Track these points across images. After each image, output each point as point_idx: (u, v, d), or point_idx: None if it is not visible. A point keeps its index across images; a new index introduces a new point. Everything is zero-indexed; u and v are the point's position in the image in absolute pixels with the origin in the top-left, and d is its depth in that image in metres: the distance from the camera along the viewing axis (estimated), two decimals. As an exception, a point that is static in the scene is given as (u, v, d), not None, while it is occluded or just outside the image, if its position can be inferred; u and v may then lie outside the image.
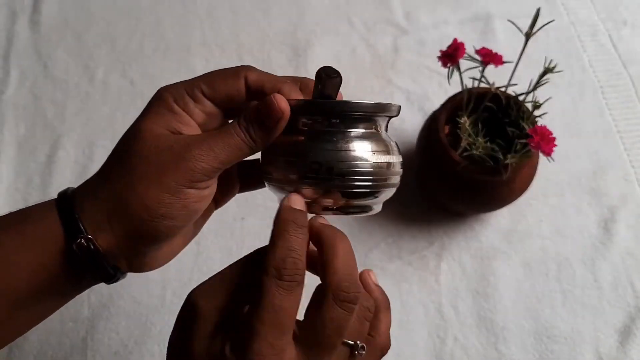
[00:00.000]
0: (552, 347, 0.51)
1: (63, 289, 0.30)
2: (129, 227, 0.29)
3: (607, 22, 0.69)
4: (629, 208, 0.58)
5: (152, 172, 0.28)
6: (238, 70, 0.31)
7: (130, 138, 0.30)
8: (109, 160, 0.30)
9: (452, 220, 0.57)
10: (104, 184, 0.29)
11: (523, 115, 0.48)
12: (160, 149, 0.28)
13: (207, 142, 0.29)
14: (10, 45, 0.67)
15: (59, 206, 0.29)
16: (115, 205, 0.28)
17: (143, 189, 0.28)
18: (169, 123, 0.29)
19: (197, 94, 0.30)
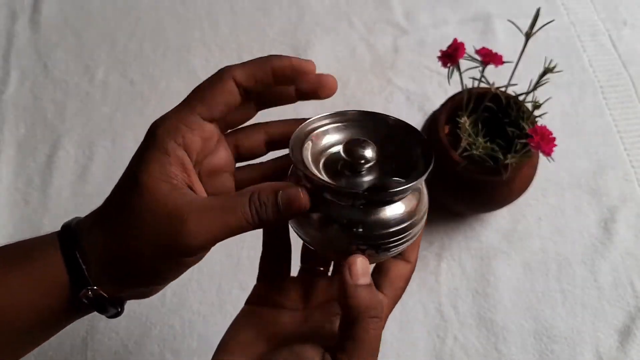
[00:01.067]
0: (552, 347, 0.51)
1: (64, 323, 0.31)
2: (128, 279, 0.29)
3: (607, 22, 0.69)
4: (629, 208, 0.58)
5: (148, 238, 0.28)
6: (221, 75, 0.30)
7: (128, 189, 0.29)
8: (110, 204, 0.30)
9: (452, 220, 0.57)
10: (105, 231, 0.29)
11: (523, 115, 0.48)
12: (157, 213, 0.28)
13: (207, 216, 0.27)
14: (11, 45, 0.67)
15: (63, 250, 0.29)
16: (114, 254, 0.29)
17: (138, 254, 0.28)
18: (166, 170, 0.28)
19: (194, 121, 0.29)
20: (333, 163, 0.31)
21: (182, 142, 0.29)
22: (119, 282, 0.29)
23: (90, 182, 0.59)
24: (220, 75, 0.30)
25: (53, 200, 0.58)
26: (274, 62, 0.30)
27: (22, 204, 0.58)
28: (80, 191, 0.59)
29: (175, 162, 0.29)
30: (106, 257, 0.29)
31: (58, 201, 0.58)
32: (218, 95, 0.30)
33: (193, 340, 0.52)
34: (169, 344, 0.51)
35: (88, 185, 0.59)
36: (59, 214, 0.57)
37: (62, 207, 0.58)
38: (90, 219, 0.30)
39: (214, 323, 0.52)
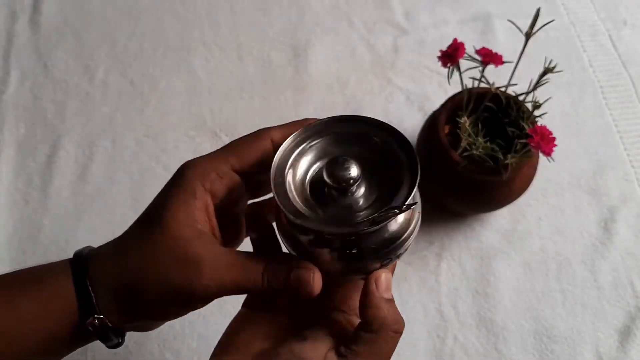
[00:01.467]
0: (552, 347, 0.51)
1: (69, 349, 0.31)
2: (137, 311, 0.30)
3: (607, 22, 0.69)
4: (629, 208, 0.58)
5: (163, 279, 0.29)
6: (260, 133, 0.31)
7: (149, 228, 0.29)
8: (128, 238, 0.30)
9: (452, 220, 0.57)
10: (119, 264, 0.29)
11: (523, 115, 0.48)
12: (176, 257, 0.28)
13: (222, 271, 0.29)
14: (11, 45, 0.67)
15: (75, 278, 0.29)
16: (125, 289, 0.29)
17: (154, 288, 0.29)
18: (191, 214, 0.29)
19: (225, 170, 0.30)
20: (319, 184, 0.30)
21: (210, 188, 0.30)
22: (126, 315, 0.30)
23: (90, 182, 0.59)
24: (259, 133, 0.31)
25: (53, 200, 0.58)
26: (314, 122, 0.31)
27: (22, 204, 0.58)
28: (80, 191, 0.59)
29: (201, 206, 0.30)
30: (117, 290, 0.29)
31: (58, 201, 0.58)
32: (253, 151, 0.31)
33: (193, 340, 0.52)
34: (168, 343, 0.51)
35: (88, 185, 0.59)
36: (59, 214, 0.57)
37: (62, 207, 0.58)
38: (104, 250, 0.31)
39: (213, 323, 0.52)
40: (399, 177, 0.29)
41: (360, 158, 0.29)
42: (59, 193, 0.59)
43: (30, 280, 0.30)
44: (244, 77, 0.65)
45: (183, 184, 0.30)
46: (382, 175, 0.30)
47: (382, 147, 0.30)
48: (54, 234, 0.56)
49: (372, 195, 0.30)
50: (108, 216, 0.58)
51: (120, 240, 0.31)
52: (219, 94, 0.65)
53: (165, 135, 0.62)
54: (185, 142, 0.61)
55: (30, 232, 0.57)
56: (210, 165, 0.30)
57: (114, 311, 0.29)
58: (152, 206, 0.30)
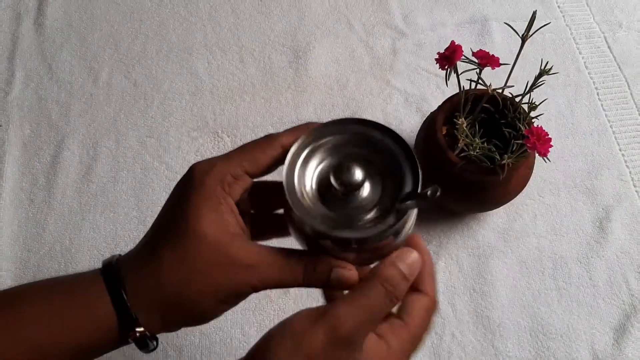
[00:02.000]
0: (548, 344, 0.52)
1: (102, 354, 0.32)
2: (181, 320, 0.31)
3: (603, 24, 0.70)
4: (624, 207, 0.59)
5: (212, 285, 0.30)
6: (272, 139, 0.32)
7: (187, 239, 0.30)
8: (161, 249, 0.30)
9: (449, 219, 0.58)
10: (156, 272, 0.30)
11: (519, 116, 0.49)
12: (220, 263, 0.29)
13: (267, 270, 0.30)
14: (16, 47, 0.68)
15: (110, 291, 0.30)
16: (168, 301, 0.30)
17: (200, 296, 0.30)
18: (224, 220, 0.30)
19: (240, 173, 0.31)
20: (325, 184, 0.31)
21: (229, 191, 0.31)
22: (167, 324, 0.31)
23: (94, 182, 0.60)
24: (270, 139, 0.32)
25: (57, 200, 0.59)
26: (316, 126, 0.32)
27: (27, 203, 0.59)
28: (85, 190, 0.59)
29: (227, 209, 0.30)
30: (159, 301, 0.30)
31: (62, 200, 0.59)
32: (265, 157, 0.32)
33: (195, 336, 0.52)
34: (171, 340, 0.52)
35: (92, 185, 0.60)
36: (63, 213, 0.58)
37: (66, 206, 0.59)
38: (135, 260, 0.31)
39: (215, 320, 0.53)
40: (399, 173, 0.31)
41: (361, 158, 0.31)
42: (64, 192, 0.59)
43: (60, 292, 0.30)
44: (245, 79, 0.66)
45: (205, 190, 0.30)
46: (383, 173, 0.31)
47: (381, 146, 0.31)
48: (58, 232, 0.57)
49: (377, 193, 0.31)
50: (112, 215, 0.58)
51: (149, 250, 0.31)
52: (220, 95, 0.65)
53: (168, 135, 0.63)
54: (187, 142, 0.62)
55: (35, 231, 0.57)
56: (227, 169, 0.31)
57: (155, 322, 0.30)
58: (178, 213, 0.30)
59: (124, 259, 0.31)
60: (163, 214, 0.32)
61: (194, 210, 0.30)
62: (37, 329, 0.29)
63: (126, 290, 0.29)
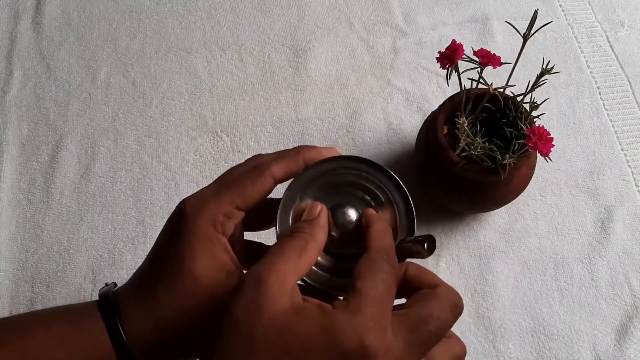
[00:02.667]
0: (549, 345, 0.52)
1: None
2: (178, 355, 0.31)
3: (605, 23, 0.70)
4: (626, 207, 0.58)
5: (204, 323, 0.30)
6: (262, 170, 0.32)
7: (183, 281, 0.30)
8: (155, 286, 0.31)
9: (450, 220, 0.57)
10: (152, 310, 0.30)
11: (521, 116, 0.49)
12: (214, 301, 0.30)
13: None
14: (13, 46, 0.68)
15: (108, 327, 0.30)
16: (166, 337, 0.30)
17: (191, 338, 0.30)
18: (219, 261, 0.30)
19: (231, 211, 0.31)
20: None
21: (222, 231, 0.31)
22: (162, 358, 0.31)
23: (93, 182, 0.60)
24: (261, 171, 0.32)
25: (56, 200, 0.59)
26: (305, 154, 0.32)
27: (25, 203, 0.58)
28: (83, 190, 0.59)
29: (221, 249, 0.31)
30: (154, 336, 0.30)
31: (61, 200, 0.59)
32: (257, 191, 0.32)
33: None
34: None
35: (90, 185, 0.60)
36: (61, 213, 0.58)
37: (64, 206, 0.58)
38: (129, 297, 0.31)
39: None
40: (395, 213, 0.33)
41: (353, 197, 0.33)
42: (62, 192, 0.59)
43: (61, 322, 0.31)
44: (245, 78, 0.66)
45: (198, 232, 0.30)
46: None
47: (377, 186, 0.33)
48: (56, 233, 0.57)
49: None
50: (110, 215, 0.58)
51: (145, 288, 0.31)
52: (220, 95, 0.65)
53: (167, 135, 0.62)
54: (186, 142, 0.62)
55: (33, 231, 0.57)
56: (217, 208, 0.31)
57: (151, 356, 0.30)
58: (171, 254, 0.31)
59: (121, 292, 0.32)
60: (157, 249, 0.32)
61: (187, 252, 0.30)
62: (38, 356, 0.29)
63: (123, 325, 0.30)
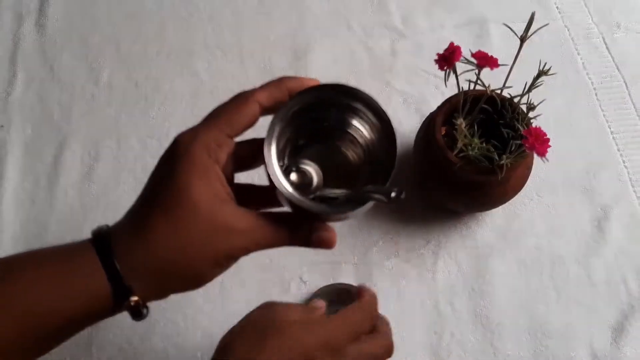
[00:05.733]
0: (546, 343, 0.52)
1: (91, 324, 0.32)
2: (176, 286, 0.32)
3: (601, 25, 0.70)
4: (622, 207, 0.59)
5: (207, 248, 0.31)
6: (247, 97, 0.33)
7: (180, 207, 0.30)
8: (151, 216, 0.31)
9: (448, 219, 0.58)
10: (149, 242, 0.30)
11: (518, 117, 0.49)
12: (213, 228, 0.31)
13: (257, 232, 0.32)
14: (17, 48, 0.68)
15: (102, 261, 0.30)
16: (164, 269, 0.30)
17: (197, 261, 0.31)
18: (213, 188, 0.31)
19: (222, 139, 0.32)
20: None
21: (215, 158, 0.31)
22: (162, 292, 0.32)
23: (96, 182, 0.60)
24: (246, 98, 0.33)
25: (59, 200, 0.59)
26: (288, 83, 0.33)
27: (29, 204, 0.59)
28: (86, 191, 0.60)
29: (215, 177, 0.31)
30: (154, 270, 0.30)
31: (64, 201, 0.59)
32: (243, 117, 0.32)
33: (196, 336, 0.53)
34: (172, 339, 0.52)
35: (94, 185, 0.60)
36: (65, 214, 0.58)
37: (68, 207, 0.59)
38: (126, 230, 0.31)
39: (216, 319, 0.53)
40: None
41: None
42: (65, 193, 0.60)
43: (53, 261, 0.31)
44: (246, 80, 0.66)
45: (193, 159, 0.31)
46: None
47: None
48: (60, 233, 0.57)
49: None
50: (113, 215, 0.58)
51: (140, 220, 0.31)
52: (221, 96, 0.64)
53: (169, 136, 0.61)
54: (188, 143, 0.62)
55: (37, 232, 0.58)
56: (210, 137, 0.31)
57: (149, 290, 0.31)
58: (168, 183, 0.31)
59: (114, 229, 0.32)
60: (152, 184, 0.32)
61: (184, 180, 0.30)
62: (31, 297, 0.29)
63: (118, 258, 0.30)
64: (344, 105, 0.34)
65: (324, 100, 0.34)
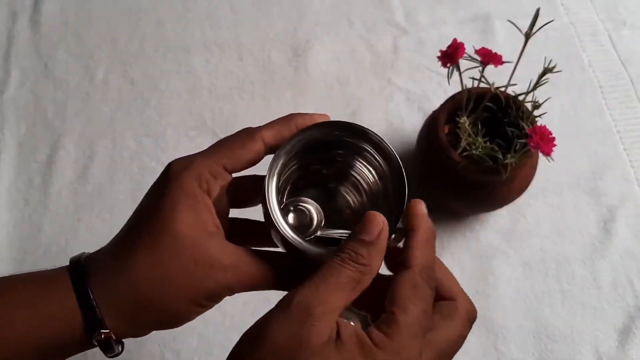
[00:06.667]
0: (551, 347, 0.52)
1: (68, 355, 0.31)
2: (152, 323, 0.30)
3: (607, 22, 0.69)
4: (628, 208, 0.58)
5: (188, 285, 0.28)
6: (253, 132, 0.31)
7: (161, 236, 0.28)
8: (132, 246, 0.29)
9: (451, 220, 0.57)
10: (127, 272, 0.28)
11: (522, 115, 0.48)
12: (195, 262, 0.28)
13: (242, 270, 0.29)
14: (11, 45, 0.67)
15: (76, 290, 0.28)
16: (140, 302, 0.28)
17: (175, 299, 0.29)
18: (200, 219, 0.29)
19: (217, 171, 0.30)
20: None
21: (206, 189, 0.30)
22: (136, 327, 0.29)
23: (91, 182, 0.59)
24: (252, 133, 0.31)
25: (53, 200, 0.58)
26: (298, 120, 0.31)
27: (23, 204, 0.58)
28: (81, 191, 0.59)
29: (205, 208, 0.29)
30: (128, 302, 0.28)
31: (58, 201, 0.58)
32: (246, 154, 0.31)
33: (193, 340, 0.52)
34: (168, 343, 0.51)
35: (88, 185, 0.59)
36: (59, 214, 0.58)
37: (62, 207, 0.58)
38: (104, 258, 0.30)
39: (213, 322, 0.52)
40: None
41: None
42: (60, 193, 0.59)
43: (26, 289, 0.29)
44: (244, 78, 0.66)
45: (182, 188, 0.29)
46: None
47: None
48: (54, 233, 0.57)
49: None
50: (108, 216, 0.58)
51: (121, 248, 0.30)
52: (219, 94, 0.65)
53: (166, 135, 0.62)
54: (185, 142, 0.62)
55: (31, 232, 0.57)
56: (205, 166, 0.30)
57: (122, 324, 0.29)
58: (153, 211, 0.29)
59: (93, 256, 0.30)
60: (138, 211, 0.31)
61: (170, 208, 0.29)
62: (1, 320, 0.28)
63: (93, 288, 0.28)
64: (351, 145, 0.32)
65: (331, 138, 0.32)
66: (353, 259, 0.27)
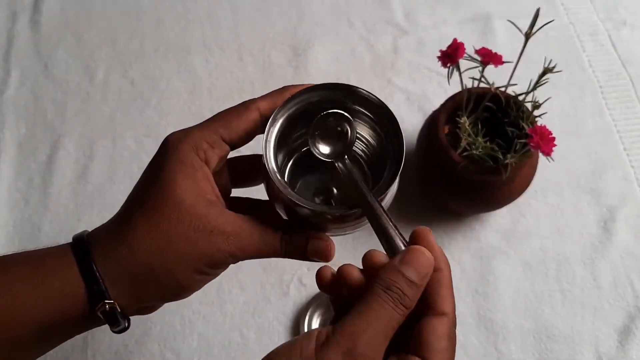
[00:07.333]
0: (551, 347, 0.52)
1: (70, 335, 0.31)
2: (156, 293, 0.29)
3: (607, 22, 0.69)
4: (629, 208, 0.58)
5: (189, 253, 0.29)
6: (247, 104, 0.31)
7: (163, 205, 0.29)
8: (133, 216, 0.29)
9: (451, 220, 0.57)
10: (129, 242, 0.29)
11: (523, 115, 0.48)
12: (198, 230, 0.28)
13: (245, 238, 0.29)
14: (11, 45, 0.67)
15: (80, 263, 0.28)
16: (142, 271, 0.29)
17: (176, 265, 0.29)
18: (199, 187, 0.29)
19: (215, 140, 0.30)
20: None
21: (204, 158, 0.30)
22: (140, 297, 0.29)
23: (91, 182, 0.59)
24: (246, 105, 0.31)
25: (53, 200, 0.58)
26: (292, 91, 0.32)
27: (23, 204, 0.58)
28: (81, 191, 0.59)
29: (203, 177, 0.30)
30: (132, 273, 0.29)
31: (58, 201, 0.58)
32: (242, 122, 0.31)
33: (193, 339, 0.52)
34: (169, 343, 0.51)
35: (88, 185, 0.59)
36: (59, 214, 0.57)
37: (62, 207, 0.58)
38: (107, 232, 0.30)
39: (214, 322, 0.52)
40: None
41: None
42: (60, 193, 0.59)
43: (29, 265, 0.29)
44: (244, 77, 0.66)
45: (180, 157, 0.29)
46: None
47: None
48: (54, 233, 0.56)
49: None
50: (108, 216, 0.57)
51: (121, 220, 0.30)
52: (219, 94, 0.65)
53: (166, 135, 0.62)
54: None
55: (31, 232, 0.57)
56: (201, 136, 0.30)
57: (126, 295, 0.29)
58: (151, 182, 0.30)
59: (95, 231, 0.30)
60: (137, 185, 0.31)
61: (169, 177, 0.29)
62: (3, 299, 0.28)
63: (95, 260, 0.28)
64: (343, 107, 0.32)
65: (322, 100, 0.32)
66: (402, 302, 0.26)
